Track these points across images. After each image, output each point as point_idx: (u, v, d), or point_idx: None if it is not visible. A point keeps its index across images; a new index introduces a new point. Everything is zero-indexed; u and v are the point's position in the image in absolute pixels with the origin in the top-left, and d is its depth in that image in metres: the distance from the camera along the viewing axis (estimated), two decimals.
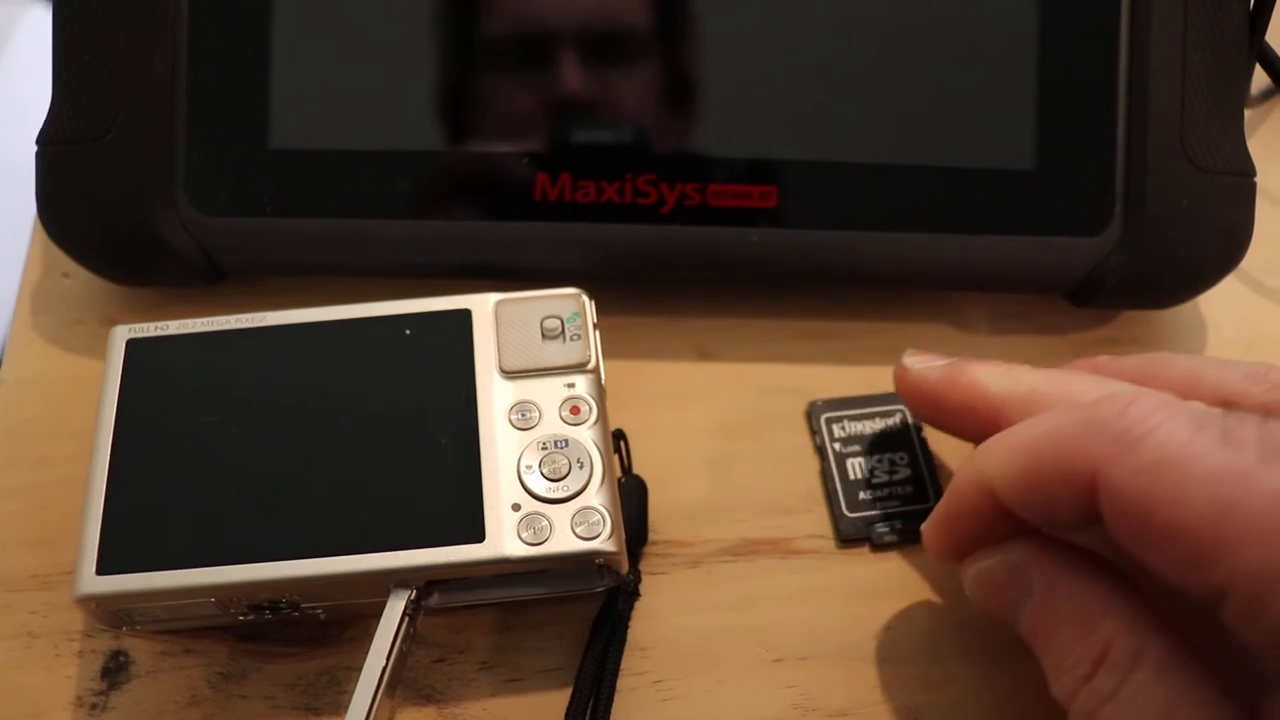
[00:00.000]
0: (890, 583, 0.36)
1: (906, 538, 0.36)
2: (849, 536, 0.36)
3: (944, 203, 0.38)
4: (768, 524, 0.37)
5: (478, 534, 0.31)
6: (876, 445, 0.38)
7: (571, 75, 0.38)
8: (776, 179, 0.38)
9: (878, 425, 0.38)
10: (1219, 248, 0.39)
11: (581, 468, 0.33)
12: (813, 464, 0.38)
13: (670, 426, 0.38)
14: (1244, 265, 0.42)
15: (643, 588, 0.35)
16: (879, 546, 0.36)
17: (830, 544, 0.37)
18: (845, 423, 0.38)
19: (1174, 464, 0.24)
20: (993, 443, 0.29)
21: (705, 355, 0.40)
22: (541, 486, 0.32)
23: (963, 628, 0.35)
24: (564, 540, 0.32)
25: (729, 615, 0.35)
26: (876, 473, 0.37)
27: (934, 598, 0.36)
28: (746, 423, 0.39)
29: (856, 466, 0.38)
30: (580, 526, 0.32)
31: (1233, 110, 0.40)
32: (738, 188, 0.38)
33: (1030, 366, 0.33)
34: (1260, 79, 0.43)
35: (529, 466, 0.32)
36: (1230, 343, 0.42)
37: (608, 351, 0.37)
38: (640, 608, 0.35)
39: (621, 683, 0.34)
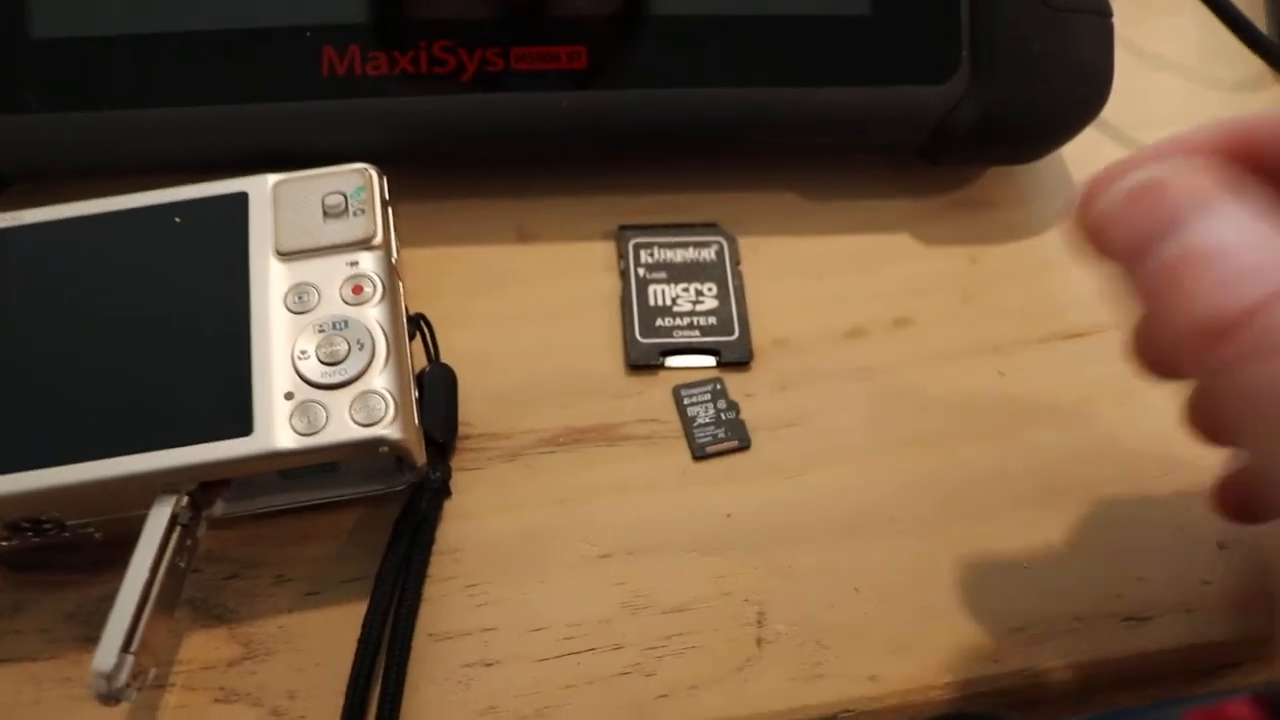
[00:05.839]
0: (729, 467, 0.33)
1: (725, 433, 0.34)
2: (636, 363, 0.34)
3: (775, 55, 0.35)
4: (593, 409, 0.34)
5: (245, 427, 0.28)
6: (685, 273, 0.35)
7: None
8: (586, 37, 0.34)
9: (690, 254, 0.36)
10: (1078, 90, 0.36)
11: (362, 349, 0.29)
12: None
13: (487, 312, 0.35)
14: (1114, 121, 0.40)
15: (454, 485, 0.32)
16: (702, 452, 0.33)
17: (663, 429, 0.33)
18: (655, 249, 0.36)
19: None
20: None
21: (525, 237, 0.37)
22: (316, 372, 0.29)
23: (812, 510, 0.32)
24: (341, 428, 0.28)
25: (550, 510, 0.32)
26: (680, 301, 0.35)
27: (778, 480, 0.33)
28: (571, 305, 0.36)
29: (659, 293, 0.35)
30: (359, 412, 0.29)
31: None
32: (544, 49, 0.34)
33: None
34: None
35: (304, 352, 0.29)
36: None
37: (419, 238, 0.34)
38: (451, 508, 0.32)
39: (430, 589, 0.31)
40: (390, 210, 0.32)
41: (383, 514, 0.32)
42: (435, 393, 0.32)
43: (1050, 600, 0.31)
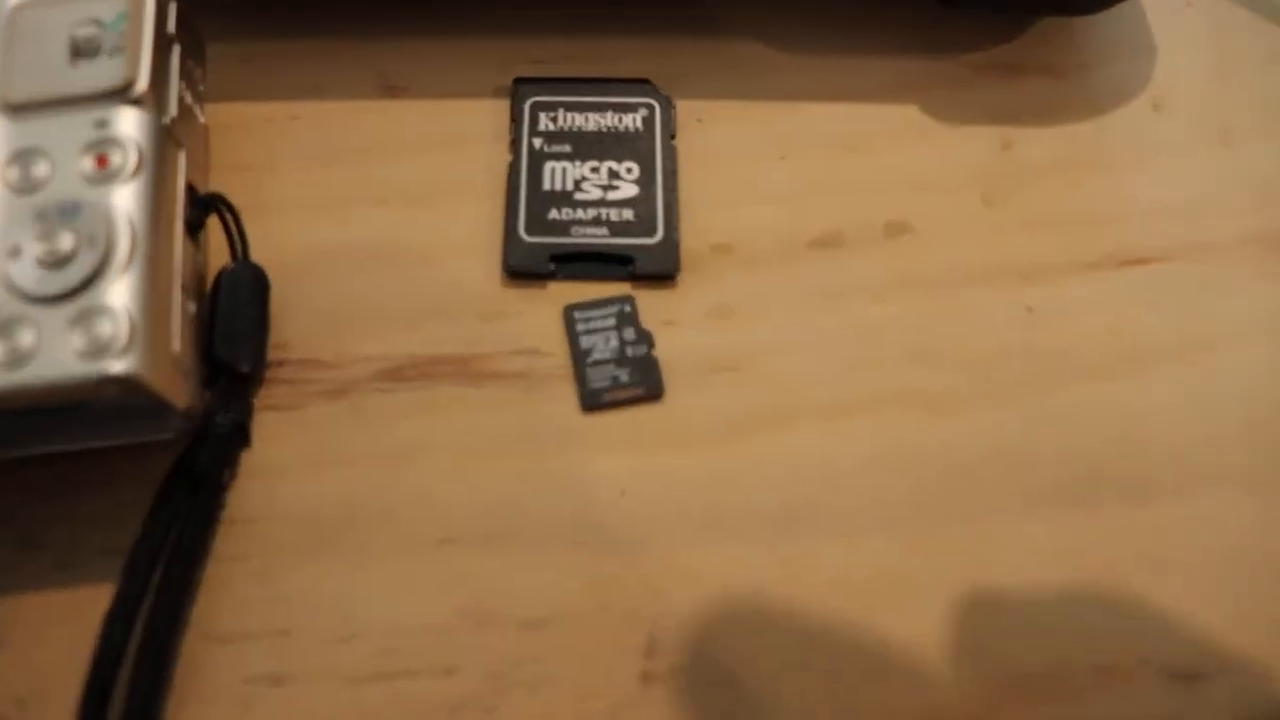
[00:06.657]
0: (631, 424, 0.25)
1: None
2: (517, 269, 0.26)
3: None
4: (453, 334, 0.26)
5: None
6: (597, 147, 0.27)
7: None
8: None
9: (608, 121, 0.28)
10: None
11: (93, 248, 0.21)
12: None
13: (328, 194, 0.28)
14: None
15: (257, 429, 0.25)
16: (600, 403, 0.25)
17: (545, 365, 0.26)
18: (560, 112, 0.28)
19: None
20: None
21: (392, 91, 0.29)
22: (30, 278, 0.22)
23: (741, 493, 0.24)
24: (53, 360, 0.21)
25: (381, 472, 0.25)
26: (586, 185, 0.27)
27: (697, 447, 0.25)
28: (441, 186, 0.28)
29: (558, 173, 0.27)
30: (81, 337, 0.21)
31: None
32: None
33: None
34: None
35: (16, 249, 0.22)
36: (1186, 70, 0.30)
37: (246, 89, 0.27)
38: (252, 461, 0.25)
39: (212, 571, 0.24)
40: (179, 48, 0.25)
41: (166, 461, 0.24)
42: (234, 303, 0.25)
43: (1066, 642, 0.23)
